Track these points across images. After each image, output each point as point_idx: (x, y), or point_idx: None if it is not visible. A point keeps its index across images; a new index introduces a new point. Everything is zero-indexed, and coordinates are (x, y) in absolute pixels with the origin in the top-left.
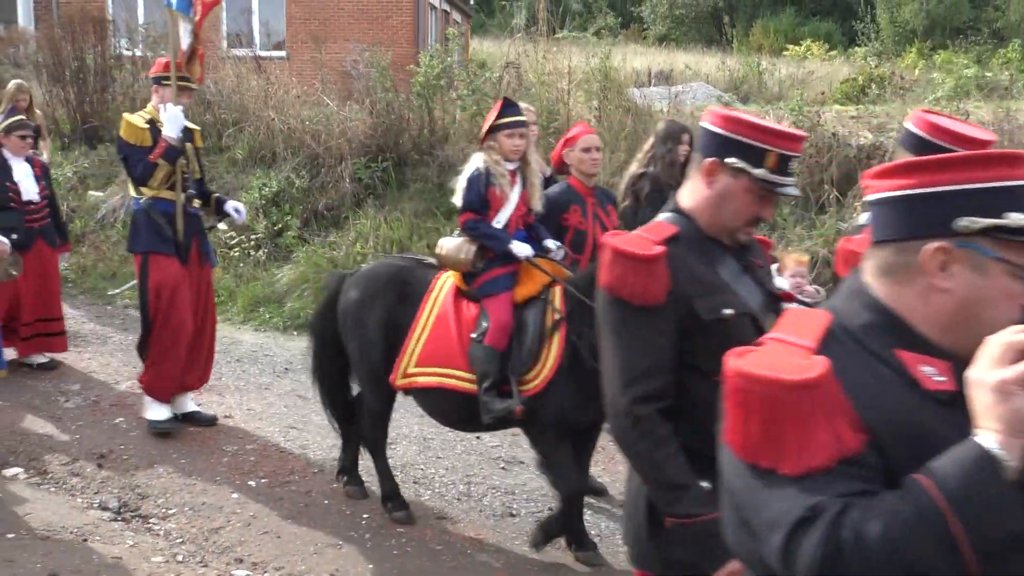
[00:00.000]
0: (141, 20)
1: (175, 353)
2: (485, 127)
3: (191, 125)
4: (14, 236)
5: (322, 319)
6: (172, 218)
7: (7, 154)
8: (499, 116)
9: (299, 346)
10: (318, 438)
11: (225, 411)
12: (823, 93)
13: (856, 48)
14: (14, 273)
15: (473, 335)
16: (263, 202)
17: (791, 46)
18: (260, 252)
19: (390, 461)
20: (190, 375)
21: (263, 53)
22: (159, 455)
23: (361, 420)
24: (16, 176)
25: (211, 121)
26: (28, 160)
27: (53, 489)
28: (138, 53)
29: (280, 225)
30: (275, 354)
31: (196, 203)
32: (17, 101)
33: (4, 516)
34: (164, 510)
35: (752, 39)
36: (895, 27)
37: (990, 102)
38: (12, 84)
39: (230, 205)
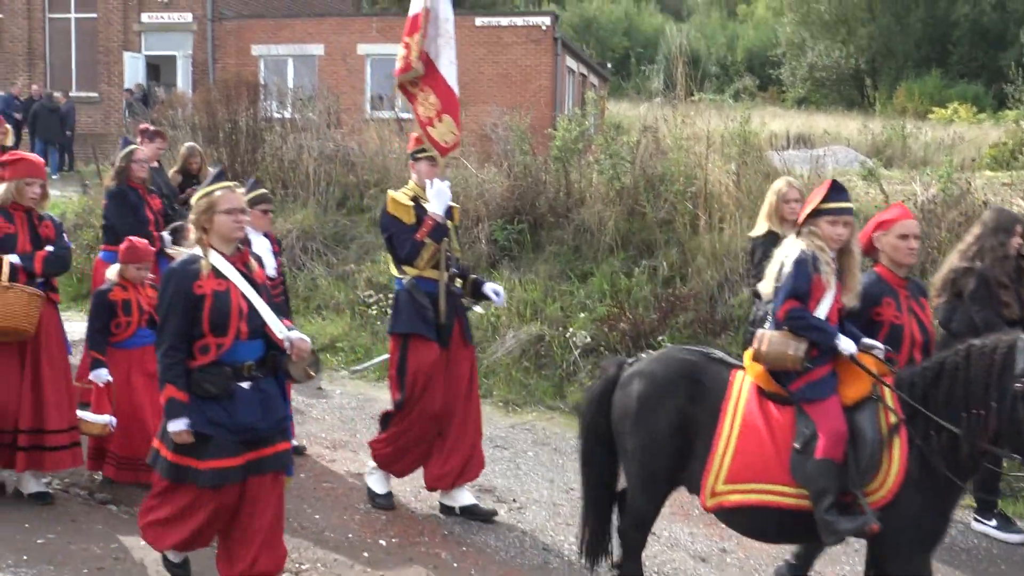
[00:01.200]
0: (291, 84)
1: (420, 438)
2: (807, 209)
3: (452, 203)
4: None
5: (595, 410)
6: (435, 299)
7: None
8: (825, 200)
9: None
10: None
11: (358, 468)
12: (973, 160)
13: (1006, 111)
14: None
15: (796, 445)
16: None
17: (937, 109)
18: None
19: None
20: (463, 465)
21: (404, 115)
22: (293, 509)
23: (623, 516)
24: (256, 251)
25: (354, 182)
26: (265, 235)
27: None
28: (287, 115)
29: None
30: None
31: (457, 282)
32: (190, 163)
33: (139, 562)
34: (298, 565)
35: (896, 102)
36: None
37: None
38: (185, 147)
39: (489, 287)
